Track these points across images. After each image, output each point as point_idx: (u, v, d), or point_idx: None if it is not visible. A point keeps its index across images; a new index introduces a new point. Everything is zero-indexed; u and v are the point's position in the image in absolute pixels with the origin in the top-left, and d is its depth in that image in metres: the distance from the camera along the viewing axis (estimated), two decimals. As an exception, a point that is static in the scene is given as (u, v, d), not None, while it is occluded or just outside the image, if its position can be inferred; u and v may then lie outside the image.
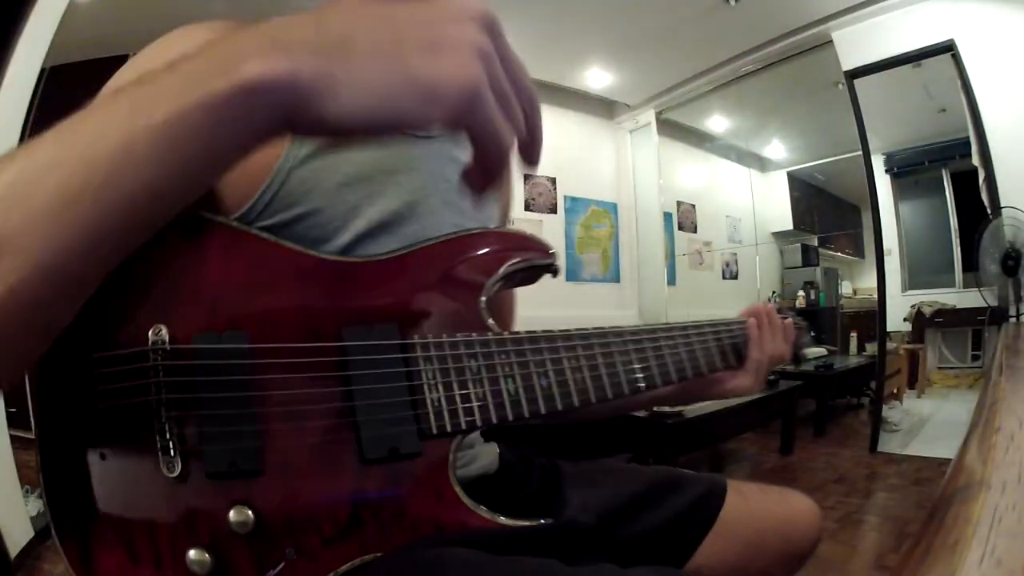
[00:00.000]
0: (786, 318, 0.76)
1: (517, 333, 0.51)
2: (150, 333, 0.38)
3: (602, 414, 0.70)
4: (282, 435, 0.40)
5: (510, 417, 0.47)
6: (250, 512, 0.39)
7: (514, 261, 0.53)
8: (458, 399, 0.46)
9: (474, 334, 0.49)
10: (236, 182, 0.42)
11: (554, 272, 0.56)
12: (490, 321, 0.51)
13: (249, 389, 0.39)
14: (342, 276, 0.47)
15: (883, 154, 4.24)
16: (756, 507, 0.65)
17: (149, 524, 0.39)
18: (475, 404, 0.47)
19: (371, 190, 0.52)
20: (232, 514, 0.39)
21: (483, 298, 0.51)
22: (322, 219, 0.49)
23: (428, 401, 0.45)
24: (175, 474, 0.40)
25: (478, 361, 0.48)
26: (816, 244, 5.13)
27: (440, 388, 0.46)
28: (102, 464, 0.40)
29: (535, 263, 0.55)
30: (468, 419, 0.46)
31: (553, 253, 0.56)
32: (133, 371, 0.40)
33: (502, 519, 0.46)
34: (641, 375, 0.57)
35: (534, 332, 0.52)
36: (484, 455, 0.66)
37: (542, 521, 0.47)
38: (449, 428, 0.45)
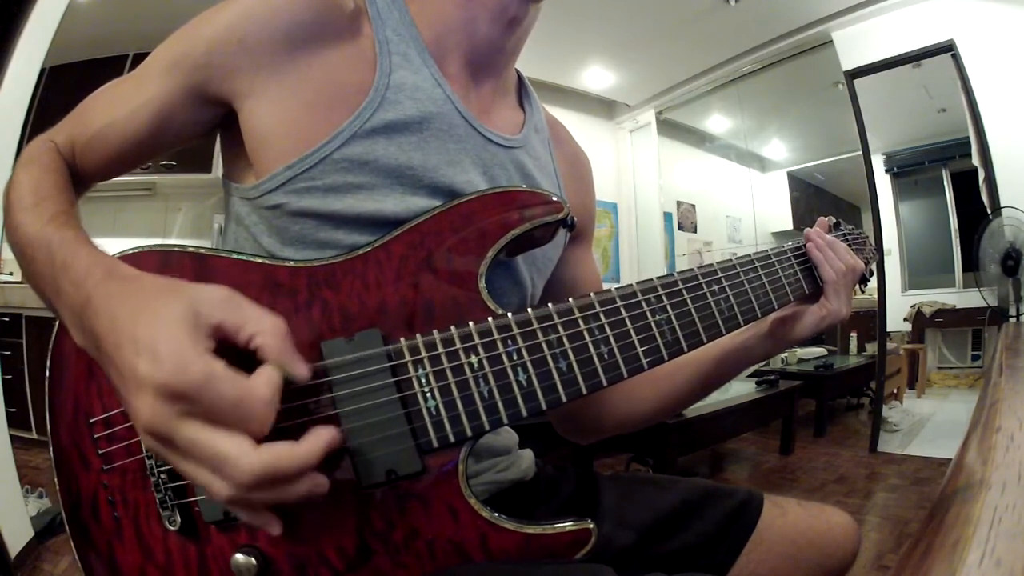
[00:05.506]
0: (842, 233, 0.69)
1: (523, 313, 0.44)
2: None
3: (642, 412, 0.67)
4: None
5: (524, 413, 0.43)
6: (254, 556, 0.40)
7: (515, 231, 0.47)
8: (459, 403, 0.41)
9: (471, 323, 0.43)
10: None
11: (570, 226, 0.49)
12: (492, 304, 0.45)
13: None
14: (317, 283, 0.44)
15: (883, 154, 4.24)
16: (793, 520, 0.65)
17: None
18: (480, 405, 0.42)
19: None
20: (238, 558, 0.40)
21: (482, 278, 0.46)
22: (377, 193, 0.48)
23: (424, 411, 0.41)
24: (176, 527, 0.42)
25: (479, 355, 0.42)
26: (816, 244, 5.12)
27: (437, 394, 0.41)
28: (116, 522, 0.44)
29: (543, 222, 0.48)
30: (474, 424, 0.41)
31: (561, 202, 0.48)
32: (125, 430, 0.44)
33: (528, 529, 0.42)
34: (670, 337, 0.48)
35: (544, 308, 0.45)
36: (521, 460, 0.65)
37: (572, 522, 0.43)
38: (452, 438, 0.41)
